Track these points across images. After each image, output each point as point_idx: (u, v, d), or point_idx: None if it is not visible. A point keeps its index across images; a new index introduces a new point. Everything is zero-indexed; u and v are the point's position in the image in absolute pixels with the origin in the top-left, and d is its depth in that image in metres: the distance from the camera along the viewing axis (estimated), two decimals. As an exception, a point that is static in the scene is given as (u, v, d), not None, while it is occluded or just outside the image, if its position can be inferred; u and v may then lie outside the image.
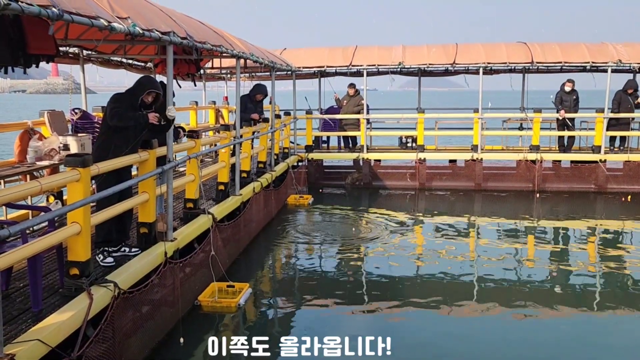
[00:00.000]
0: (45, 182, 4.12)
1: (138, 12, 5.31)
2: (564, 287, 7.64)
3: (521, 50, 13.97)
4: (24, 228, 3.66)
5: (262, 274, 8.16)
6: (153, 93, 5.66)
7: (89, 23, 4.15)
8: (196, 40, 6.37)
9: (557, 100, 13.70)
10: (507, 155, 14.28)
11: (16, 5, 3.20)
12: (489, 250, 9.18)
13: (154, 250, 5.68)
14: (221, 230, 7.62)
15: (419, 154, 14.06)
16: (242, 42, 9.45)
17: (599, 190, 13.52)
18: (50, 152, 6.42)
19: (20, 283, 4.75)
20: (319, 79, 15.95)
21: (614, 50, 13.50)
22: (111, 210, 5.10)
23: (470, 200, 13.37)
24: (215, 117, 14.43)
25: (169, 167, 6.02)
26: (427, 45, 14.99)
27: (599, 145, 13.44)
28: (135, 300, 4.99)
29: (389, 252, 8.97)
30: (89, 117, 7.99)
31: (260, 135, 10.64)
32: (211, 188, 8.99)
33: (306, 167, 14.54)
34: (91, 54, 9.04)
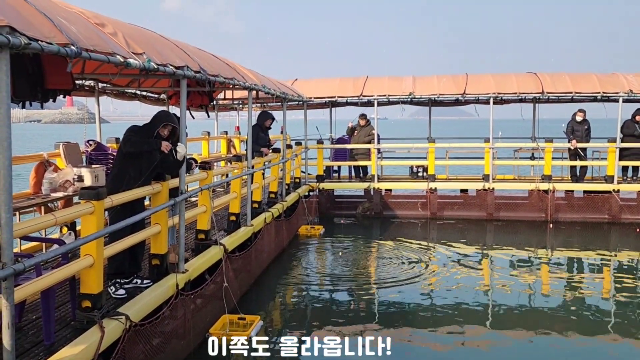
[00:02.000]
0: (60, 216, 4.16)
1: (153, 47, 5.42)
2: (578, 316, 7.59)
3: (531, 81, 14.02)
4: (38, 262, 3.69)
5: (274, 305, 8.11)
6: (169, 126, 5.75)
7: (106, 60, 4.25)
8: (209, 74, 6.48)
9: (568, 130, 13.68)
10: (519, 185, 14.22)
11: (36, 45, 3.28)
12: (502, 280, 9.09)
13: (165, 282, 5.68)
14: (232, 261, 7.62)
15: (430, 184, 14.05)
16: (253, 74, 9.57)
17: (613, 220, 13.40)
18: (65, 184, 6.49)
19: (33, 315, 4.77)
20: (330, 109, 16.08)
21: (625, 81, 13.51)
22: (124, 242, 5.13)
23: (482, 230, 13.27)
24: (227, 147, 14.54)
25: (182, 199, 6.06)
26: (437, 75, 15.06)
27: (612, 175, 13.36)
28: (147, 332, 4.98)
29: (401, 283, 8.89)
30: (103, 148, 8.09)
31: (272, 166, 10.69)
32: (222, 218, 9.01)
33: (317, 197, 14.57)
34: (106, 86, 9.19)
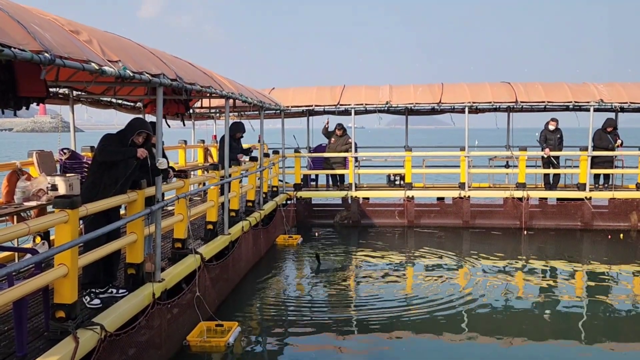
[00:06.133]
0: (34, 225, 4.11)
1: (128, 55, 5.39)
2: (552, 321, 7.78)
3: (505, 90, 14.24)
4: (10, 271, 3.63)
5: (252, 312, 8.08)
6: (143, 134, 5.72)
7: (80, 67, 4.22)
8: (186, 82, 6.46)
9: (541, 139, 13.92)
10: (494, 193, 14.40)
11: (9, 52, 3.25)
12: (478, 286, 9.16)
13: (141, 292, 5.63)
14: (210, 270, 7.58)
15: (407, 192, 14.15)
16: (231, 82, 9.56)
17: (585, 227, 13.65)
18: (38, 193, 6.39)
19: (5, 326, 4.69)
20: (308, 118, 16.12)
21: (596, 90, 13.82)
22: (99, 252, 5.07)
23: (459, 238, 13.38)
24: (204, 155, 14.49)
25: (158, 208, 6.01)
26: (414, 85, 15.21)
27: (584, 183, 13.62)
28: (122, 342, 4.92)
29: (379, 290, 8.93)
30: (77, 157, 8.00)
31: (249, 174, 10.67)
32: (200, 227, 8.96)
33: (295, 206, 14.57)
34: (81, 94, 9.11)
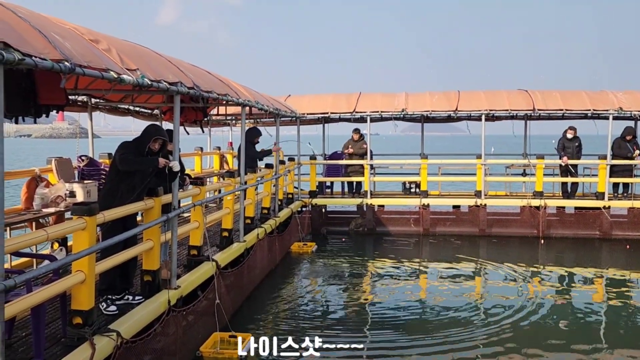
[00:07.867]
0: (52, 232, 4.15)
1: (146, 63, 5.44)
2: (571, 330, 7.65)
3: (522, 98, 14.13)
4: (29, 278, 3.67)
5: (266, 321, 8.06)
6: (160, 140, 5.75)
7: (100, 75, 4.26)
8: (203, 90, 6.50)
9: (559, 147, 13.78)
10: (510, 201, 14.26)
11: (30, 61, 3.29)
12: (495, 294, 9.09)
13: (157, 299, 5.65)
14: (225, 277, 7.58)
15: (422, 200, 14.08)
16: (247, 90, 9.60)
17: (604, 236, 13.46)
18: (57, 199, 6.46)
19: (23, 332, 4.72)
20: (323, 125, 16.12)
21: (615, 98, 13.65)
22: (116, 258, 5.10)
23: (475, 246, 13.28)
24: (220, 162, 14.54)
25: (174, 215, 6.04)
26: (430, 92, 15.15)
27: (603, 192, 13.45)
28: (138, 349, 4.94)
29: (395, 298, 8.89)
30: (95, 164, 8.07)
31: (265, 182, 10.69)
32: (215, 234, 8.98)
33: (310, 213, 14.55)
34: (99, 102, 9.19)
